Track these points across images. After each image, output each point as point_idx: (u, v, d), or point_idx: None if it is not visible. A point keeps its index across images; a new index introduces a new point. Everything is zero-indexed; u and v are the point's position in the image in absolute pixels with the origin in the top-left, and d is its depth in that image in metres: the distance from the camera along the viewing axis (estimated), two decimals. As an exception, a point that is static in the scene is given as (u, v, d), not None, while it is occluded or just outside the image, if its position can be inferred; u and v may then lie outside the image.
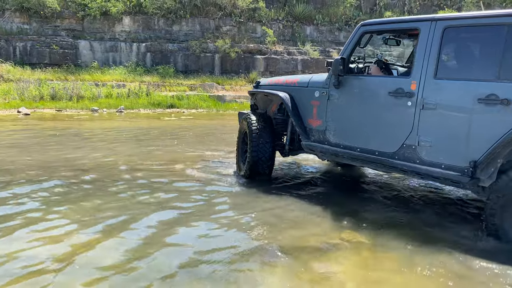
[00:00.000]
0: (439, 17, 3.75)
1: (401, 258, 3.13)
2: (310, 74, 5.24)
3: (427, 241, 3.43)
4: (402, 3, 24.11)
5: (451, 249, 3.26)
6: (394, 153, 3.90)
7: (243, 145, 5.33)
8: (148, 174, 5.70)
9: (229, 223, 3.83)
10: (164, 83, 19.98)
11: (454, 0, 23.66)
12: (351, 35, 4.40)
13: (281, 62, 22.01)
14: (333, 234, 3.59)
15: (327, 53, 22.65)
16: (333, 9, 23.50)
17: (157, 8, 21.63)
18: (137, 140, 9.13)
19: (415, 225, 3.87)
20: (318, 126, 4.61)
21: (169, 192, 4.77)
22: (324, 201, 4.50)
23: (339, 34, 23.86)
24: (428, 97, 3.65)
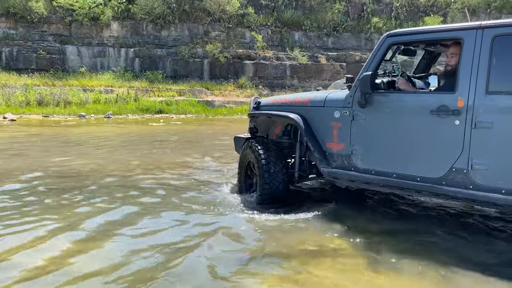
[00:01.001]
0: (487, 24, 3.37)
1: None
2: (322, 91, 4.77)
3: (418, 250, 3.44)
4: (389, 10, 24.41)
5: (443, 257, 3.27)
6: (441, 179, 3.47)
7: (248, 175, 4.86)
8: (133, 181, 5.65)
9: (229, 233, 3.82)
10: (153, 88, 19.92)
11: (440, 7, 24.05)
12: (376, 47, 3.94)
13: (270, 67, 22.09)
14: (325, 241, 3.59)
15: (315, 59, 22.81)
16: (321, 15, 23.70)
17: (146, 13, 21.61)
18: (123, 146, 9.06)
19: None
20: (340, 150, 4.08)
21: (144, 202, 4.68)
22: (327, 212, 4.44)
23: (327, 39, 24.05)
24: (481, 114, 3.26)
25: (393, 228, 3.89)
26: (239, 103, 19.63)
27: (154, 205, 4.54)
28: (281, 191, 4.37)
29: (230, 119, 17.16)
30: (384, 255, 3.25)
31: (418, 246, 3.42)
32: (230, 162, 6.96)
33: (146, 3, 21.44)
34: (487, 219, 4.20)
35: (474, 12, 22.63)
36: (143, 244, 3.38)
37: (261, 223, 3.92)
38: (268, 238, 3.58)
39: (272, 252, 3.31)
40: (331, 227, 3.84)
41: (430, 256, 3.21)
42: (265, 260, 3.14)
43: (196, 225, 3.91)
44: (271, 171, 4.35)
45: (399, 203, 4.77)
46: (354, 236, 3.61)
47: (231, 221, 3.98)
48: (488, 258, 3.25)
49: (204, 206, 4.47)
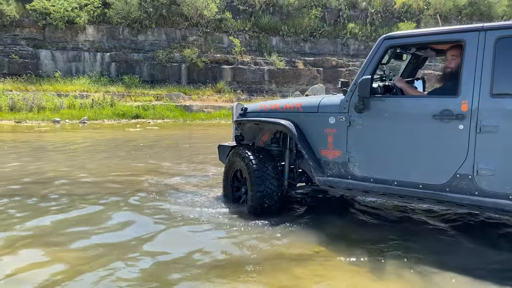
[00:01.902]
0: (489, 26, 3.29)
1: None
2: (315, 97, 4.59)
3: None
4: (365, 16, 24.85)
5: (423, 262, 3.31)
6: (445, 185, 3.36)
7: (235, 184, 4.68)
8: (101, 187, 5.57)
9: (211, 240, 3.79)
10: (130, 93, 19.69)
11: (413, 13, 24.63)
12: (372, 50, 3.78)
13: (248, 72, 22.16)
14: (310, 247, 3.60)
15: (293, 64, 23.00)
16: (298, 20, 23.95)
17: (122, 17, 21.39)
18: (97, 152, 8.91)
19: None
20: (336, 158, 3.90)
21: (119, 208, 4.61)
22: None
23: (304, 45, 24.29)
24: (486, 118, 3.18)
25: (375, 235, 3.82)
26: (217, 108, 19.60)
27: (122, 212, 4.45)
28: (274, 199, 4.19)
29: (209, 124, 17.11)
30: (367, 261, 3.22)
31: (398, 252, 3.40)
32: (210, 168, 6.93)
33: (122, 8, 21.24)
34: (464, 223, 4.30)
35: (446, 19, 23.27)
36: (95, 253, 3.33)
37: (245, 232, 3.85)
38: (251, 246, 3.53)
39: (252, 260, 3.31)
40: (314, 234, 3.77)
41: (409, 260, 3.20)
42: (245, 268, 3.12)
43: (179, 234, 3.84)
44: (263, 179, 4.14)
45: (381, 210, 4.83)
46: (337, 243, 3.56)
47: (215, 230, 3.90)
48: (468, 261, 3.27)
49: (188, 215, 4.36)
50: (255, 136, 4.85)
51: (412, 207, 4.68)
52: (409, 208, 4.67)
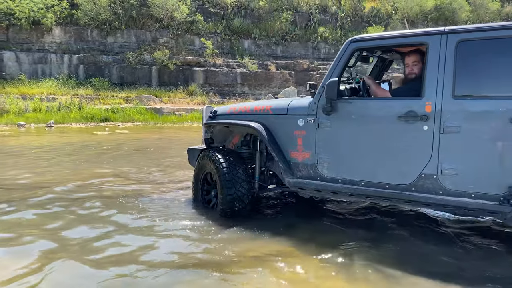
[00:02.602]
0: (450, 29, 3.38)
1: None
2: (284, 99, 4.58)
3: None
4: (335, 20, 25.24)
5: (389, 262, 3.36)
6: (410, 185, 3.43)
7: (205, 186, 4.63)
8: (61, 194, 5.42)
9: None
10: (99, 96, 19.27)
11: (382, 18, 25.19)
12: (339, 53, 3.82)
13: (220, 74, 22.09)
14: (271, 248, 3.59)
15: (265, 67, 23.09)
16: (270, 23, 24.08)
17: (90, 19, 20.95)
18: (62, 156, 8.67)
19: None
20: (305, 159, 3.93)
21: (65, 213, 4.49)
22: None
23: (276, 48, 24.44)
24: (449, 119, 3.26)
25: (343, 238, 3.83)
26: (189, 111, 19.43)
27: (82, 218, 4.35)
28: (244, 202, 4.17)
29: (180, 127, 16.94)
30: (335, 264, 3.24)
31: (366, 255, 3.42)
32: (177, 172, 6.85)
33: (91, 9, 20.80)
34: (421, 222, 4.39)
35: (413, 23, 23.90)
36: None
37: (213, 235, 3.81)
38: (219, 249, 3.49)
39: (219, 263, 3.28)
40: (283, 238, 3.77)
41: (376, 263, 3.23)
42: (212, 272, 3.09)
43: (146, 240, 3.77)
44: (234, 182, 4.12)
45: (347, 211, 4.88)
46: (305, 246, 3.57)
47: (183, 235, 3.84)
48: (431, 264, 3.34)
49: (156, 217, 4.29)
50: (225, 138, 4.82)
51: (384, 210, 4.76)
52: (377, 210, 4.74)
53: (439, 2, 25.06)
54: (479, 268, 3.13)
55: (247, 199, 4.17)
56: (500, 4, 26.31)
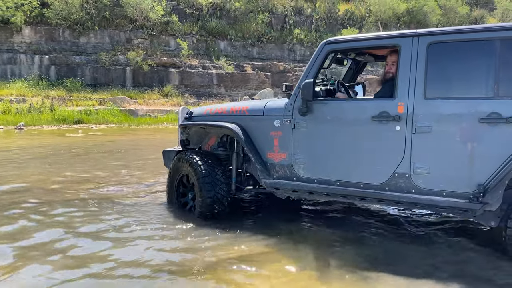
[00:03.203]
0: (422, 32, 3.46)
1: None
2: (260, 100, 4.61)
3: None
4: (310, 22, 25.48)
5: (361, 260, 3.39)
6: (384, 184, 3.49)
7: (181, 189, 4.56)
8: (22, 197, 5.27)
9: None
10: (71, 97, 18.85)
11: (356, 20, 25.59)
12: (314, 55, 3.84)
13: (196, 75, 21.95)
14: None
15: (241, 68, 23.09)
16: (246, 25, 24.10)
17: (62, 19, 20.47)
18: (31, 159, 8.43)
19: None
20: (282, 160, 3.95)
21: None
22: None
23: (252, 49, 24.48)
24: (421, 119, 3.34)
25: (319, 239, 3.87)
26: (165, 112, 19.22)
27: (51, 222, 4.24)
28: (224, 205, 4.16)
29: (155, 128, 16.73)
30: (311, 265, 3.25)
31: (342, 255, 3.43)
32: (149, 175, 6.76)
33: (62, 8, 20.32)
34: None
35: (386, 26, 24.38)
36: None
37: (189, 238, 3.77)
38: (195, 253, 3.44)
39: (196, 266, 3.25)
40: (260, 239, 3.76)
41: (351, 261, 3.26)
42: (188, 276, 3.06)
43: (121, 245, 3.70)
44: (213, 184, 4.09)
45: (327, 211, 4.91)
46: (282, 248, 3.57)
47: (158, 239, 3.78)
48: (408, 264, 3.38)
49: (129, 224, 4.20)
50: (202, 140, 4.79)
51: (361, 210, 4.81)
52: (356, 211, 4.79)
53: (411, 6, 25.66)
54: (454, 266, 3.21)
55: (226, 201, 4.16)
56: (469, 9, 27.15)
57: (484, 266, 3.18)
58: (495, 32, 3.21)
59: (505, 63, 3.14)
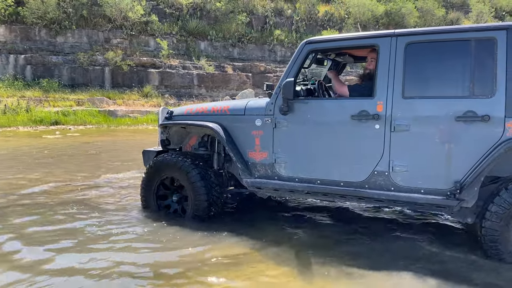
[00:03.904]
0: (400, 32, 3.53)
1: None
2: (241, 100, 4.61)
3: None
4: (290, 23, 25.61)
5: (349, 259, 3.41)
6: (364, 182, 3.55)
7: (162, 191, 4.48)
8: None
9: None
10: (48, 98, 18.43)
11: (335, 22, 25.84)
12: (294, 55, 3.88)
13: (176, 76, 21.77)
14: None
15: (222, 68, 23.01)
16: (226, 25, 24.04)
17: (38, 17, 20.00)
18: (3, 160, 8.22)
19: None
20: (263, 159, 3.97)
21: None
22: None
23: (233, 50, 24.44)
24: (399, 118, 3.40)
25: (305, 239, 3.89)
26: (144, 113, 18.99)
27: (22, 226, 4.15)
28: (219, 206, 4.20)
29: (135, 129, 16.52)
30: (296, 265, 3.27)
31: (327, 251, 3.47)
32: (127, 177, 6.67)
33: (38, 7, 19.85)
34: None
35: (365, 27, 24.68)
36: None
37: (173, 242, 3.73)
38: (179, 255, 3.44)
39: (179, 269, 3.22)
40: (245, 239, 3.77)
41: (335, 259, 3.29)
42: (173, 279, 3.03)
43: (104, 247, 3.64)
44: (208, 187, 4.10)
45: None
46: (268, 248, 3.57)
47: (136, 242, 3.76)
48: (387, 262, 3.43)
49: (107, 229, 4.14)
50: (182, 140, 4.76)
51: (345, 209, 4.86)
52: (340, 210, 4.83)
53: (389, 8, 26.06)
54: (435, 265, 3.27)
55: (220, 203, 4.22)
56: (445, 11, 27.75)
57: (463, 264, 3.25)
58: (471, 33, 3.31)
59: (480, 63, 3.23)
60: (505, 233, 3.15)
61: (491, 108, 3.16)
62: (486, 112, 3.15)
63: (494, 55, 3.19)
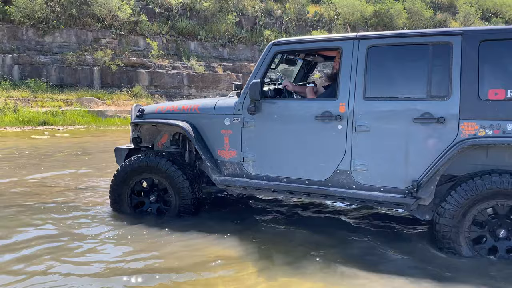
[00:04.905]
0: (362, 35, 3.65)
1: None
2: (211, 99, 4.69)
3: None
4: (280, 23, 25.66)
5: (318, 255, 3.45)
6: (327, 180, 3.68)
7: (136, 189, 4.48)
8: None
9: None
10: (36, 98, 18.21)
11: (325, 22, 25.96)
12: (262, 56, 4.00)
13: (166, 76, 21.68)
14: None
15: (212, 69, 22.98)
16: (216, 25, 24.00)
17: (25, 16, 19.74)
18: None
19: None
20: (232, 158, 4.09)
21: None
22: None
23: (223, 50, 24.40)
24: (360, 119, 3.52)
25: (285, 237, 3.94)
26: (134, 113, 18.86)
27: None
28: (199, 200, 4.31)
29: (125, 129, 16.40)
30: (279, 264, 3.30)
31: (308, 253, 3.50)
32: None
33: (25, 6, 19.59)
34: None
35: (354, 28, 24.84)
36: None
37: (154, 240, 3.75)
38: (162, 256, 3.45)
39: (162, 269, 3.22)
40: (224, 239, 3.81)
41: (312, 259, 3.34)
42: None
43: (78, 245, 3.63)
44: (191, 186, 4.20)
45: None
46: (248, 248, 3.62)
47: (115, 236, 3.77)
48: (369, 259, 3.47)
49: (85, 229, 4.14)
50: (154, 138, 4.82)
51: (333, 210, 4.90)
52: (327, 211, 4.88)
53: (378, 9, 26.25)
54: (424, 262, 3.33)
55: (200, 197, 4.33)
56: (433, 12, 28.05)
57: (463, 265, 3.29)
58: (428, 37, 3.45)
59: (437, 66, 3.36)
60: (457, 229, 3.27)
61: (446, 111, 3.30)
62: (441, 114, 3.29)
63: (450, 59, 3.33)
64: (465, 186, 3.25)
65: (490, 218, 3.32)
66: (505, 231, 3.27)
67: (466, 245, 3.30)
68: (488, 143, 3.24)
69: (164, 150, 4.63)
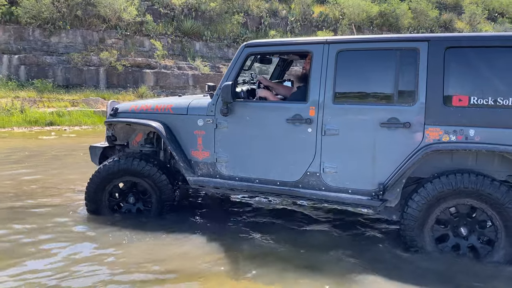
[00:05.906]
0: (332, 40, 3.70)
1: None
2: (185, 98, 4.69)
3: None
4: (285, 23, 25.66)
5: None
6: (298, 182, 3.77)
7: (115, 190, 4.49)
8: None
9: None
10: (42, 98, 18.30)
11: (330, 22, 25.93)
12: (234, 57, 4.06)
13: (171, 76, 21.74)
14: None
15: (217, 69, 23.01)
16: (221, 26, 24.03)
17: (32, 17, 19.84)
18: (5, 163, 8.18)
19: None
20: (205, 158, 4.15)
21: None
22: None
23: (228, 50, 24.43)
24: (329, 122, 3.60)
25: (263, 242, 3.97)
26: (140, 114, 18.92)
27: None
28: (177, 199, 4.42)
29: (130, 130, 16.48)
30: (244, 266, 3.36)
31: (276, 256, 3.57)
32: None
33: (32, 7, 19.70)
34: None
35: (360, 28, 24.80)
36: None
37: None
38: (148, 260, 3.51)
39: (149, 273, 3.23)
40: (209, 244, 3.86)
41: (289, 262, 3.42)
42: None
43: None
44: (173, 186, 4.30)
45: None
46: (229, 254, 3.65)
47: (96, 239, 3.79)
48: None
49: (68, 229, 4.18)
50: (128, 136, 4.80)
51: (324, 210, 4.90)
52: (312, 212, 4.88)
53: (383, 9, 26.18)
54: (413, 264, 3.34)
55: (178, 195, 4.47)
56: (439, 12, 27.94)
57: (461, 266, 3.31)
58: (396, 43, 3.49)
59: (404, 72, 3.41)
60: (420, 230, 3.35)
61: (412, 116, 3.37)
62: (407, 119, 3.36)
63: (417, 65, 3.37)
64: (428, 187, 3.32)
65: (452, 217, 3.40)
66: (466, 230, 3.36)
67: (430, 243, 3.38)
68: (451, 149, 3.34)
69: (138, 149, 4.66)
